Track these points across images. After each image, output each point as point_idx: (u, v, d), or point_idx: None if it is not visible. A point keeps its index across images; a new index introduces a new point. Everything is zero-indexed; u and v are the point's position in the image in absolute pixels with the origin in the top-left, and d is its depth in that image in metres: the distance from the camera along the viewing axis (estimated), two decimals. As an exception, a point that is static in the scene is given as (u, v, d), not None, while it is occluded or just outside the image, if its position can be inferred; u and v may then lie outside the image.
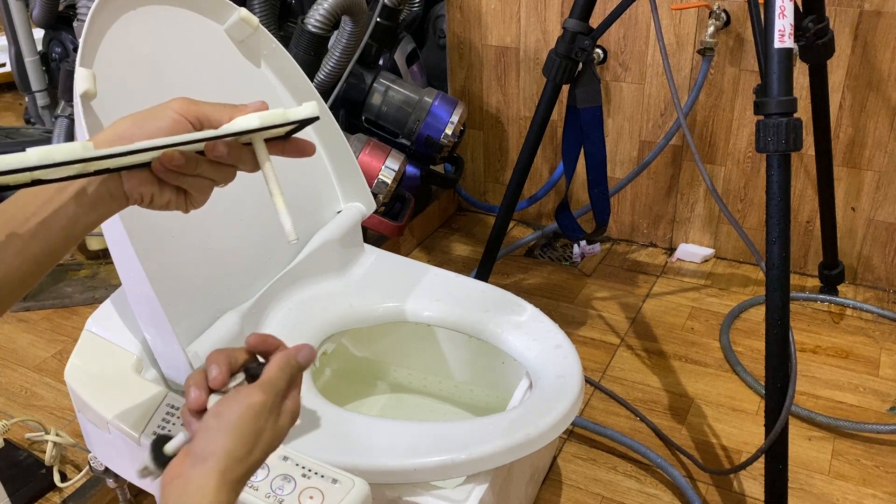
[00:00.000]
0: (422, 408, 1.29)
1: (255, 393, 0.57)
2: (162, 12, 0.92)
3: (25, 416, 1.37)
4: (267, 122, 0.57)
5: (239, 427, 0.56)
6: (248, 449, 0.56)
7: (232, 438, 0.55)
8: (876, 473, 1.26)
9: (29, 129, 2.34)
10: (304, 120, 0.58)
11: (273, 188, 0.59)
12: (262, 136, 0.59)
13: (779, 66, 1.03)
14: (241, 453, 0.55)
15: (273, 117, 0.57)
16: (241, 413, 0.56)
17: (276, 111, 0.57)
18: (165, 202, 0.59)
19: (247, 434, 0.56)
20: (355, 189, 1.19)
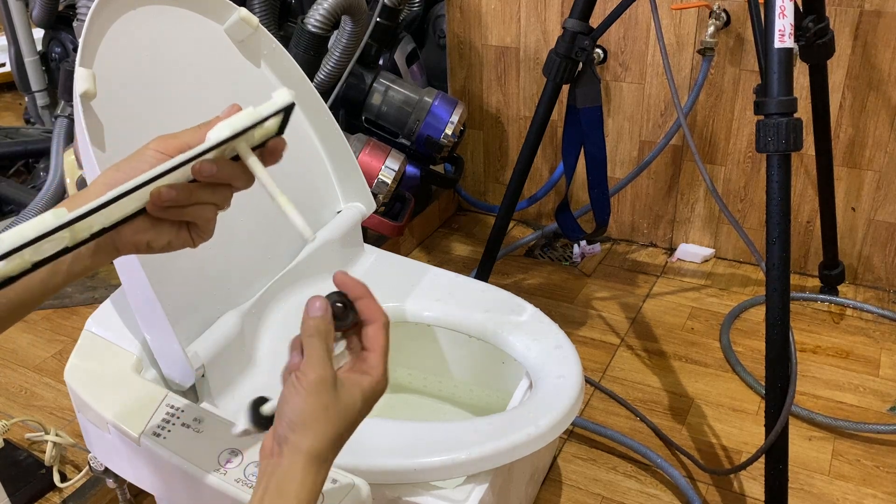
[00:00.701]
0: (422, 408, 1.29)
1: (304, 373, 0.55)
2: (162, 12, 0.92)
3: (25, 416, 1.37)
4: (238, 127, 0.54)
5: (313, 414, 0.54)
6: (339, 430, 0.55)
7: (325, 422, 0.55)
8: (876, 473, 1.26)
9: (29, 128, 2.35)
10: (281, 111, 0.55)
11: (273, 192, 0.58)
12: (247, 144, 0.56)
13: (779, 66, 1.03)
14: (333, 435, 0.55)
15: (243, 119, 0.54)
16: (304, 397, 0.54)
17: (245, 112, 0.54)
18: (165, 244, 0.58)
19: (317, 418, 0.55)
20: (355, 189, 1.19)
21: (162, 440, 0.83)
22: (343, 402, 0.56)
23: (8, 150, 2.14)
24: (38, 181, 2.05)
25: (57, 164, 1.86)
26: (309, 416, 0.54)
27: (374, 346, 0.59)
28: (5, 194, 1.98)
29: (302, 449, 0.54)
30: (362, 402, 0.57)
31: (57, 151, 1.88)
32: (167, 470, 0.84)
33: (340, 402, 0.55)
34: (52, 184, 1.81)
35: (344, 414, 0.56)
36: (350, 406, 0.56)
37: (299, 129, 1.12)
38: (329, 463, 0.56)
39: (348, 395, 0.56)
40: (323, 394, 0.55)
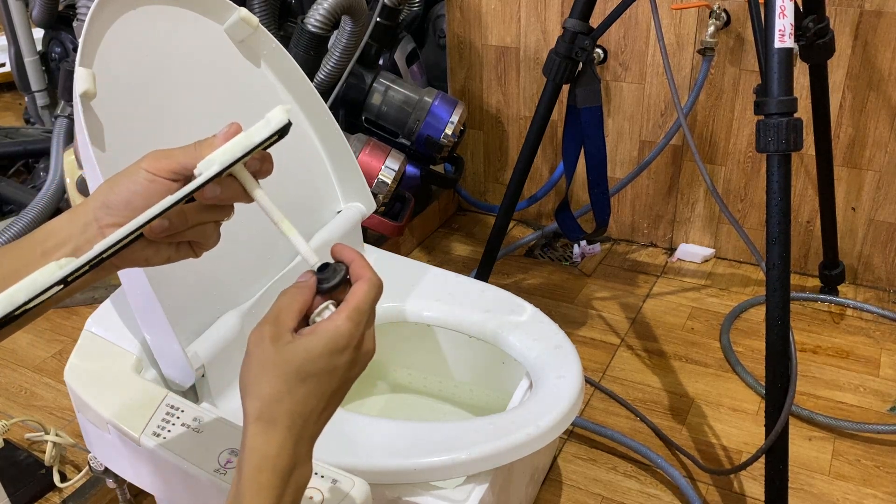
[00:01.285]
0: (422, 408, 1.29)
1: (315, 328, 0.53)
2: (162, 12, 0.92)
3: (25, 416, 1.37)
4: (229, 160, 0.52)
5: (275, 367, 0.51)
6: (279, 386, 0.51)
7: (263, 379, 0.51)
8: (876, 474, 1.26)
9: (29, 128, 2.35)
10: (279, 131, 0.53)
11: (274, 215, 0.56)
12: (242, 166, 0.55)
13: (779, 65, 1.03)
14: (272, 391, 0.51)
15: (235, 149, 0.52)
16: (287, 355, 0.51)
17: (238, 139, 0.52)
18: (164, 259, 0.57)
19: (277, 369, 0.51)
20: (355, 189, 1.19)
21: (162, 440, 0.83)
22: (284, 355, 0.51)
23: (8, 150, 2.14)
24: (38, 181, 2.05)
25: (57, 164, 1.86)
26: (247, 376, 0.52)
27: (347, 299, 0.54)
28: (5, 194, 1.98)
29: (247, 412, 0.52)
30: (312, 352, 0.51)
31: (57, 151, 1.88)
32: (167, 470, 0.84)
33: (280, 355, 0.51)
34: (52, 184, 1.81)
35: (285, 367, 0.51)
36: (291, 359, 0.51)
37: (299, 129, 1.12)
38: (279, 424, 0.51)
39: (291, 348, 0.52)
40: (257, 350, 0.52)
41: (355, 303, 0.54)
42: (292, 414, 0.52)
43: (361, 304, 0.54)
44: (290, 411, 0.52)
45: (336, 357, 0.52)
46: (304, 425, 0.52)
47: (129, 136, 0.86)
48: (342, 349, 0.52)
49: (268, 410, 0.51)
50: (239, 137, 0.53)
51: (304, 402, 0.52)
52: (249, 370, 0.52)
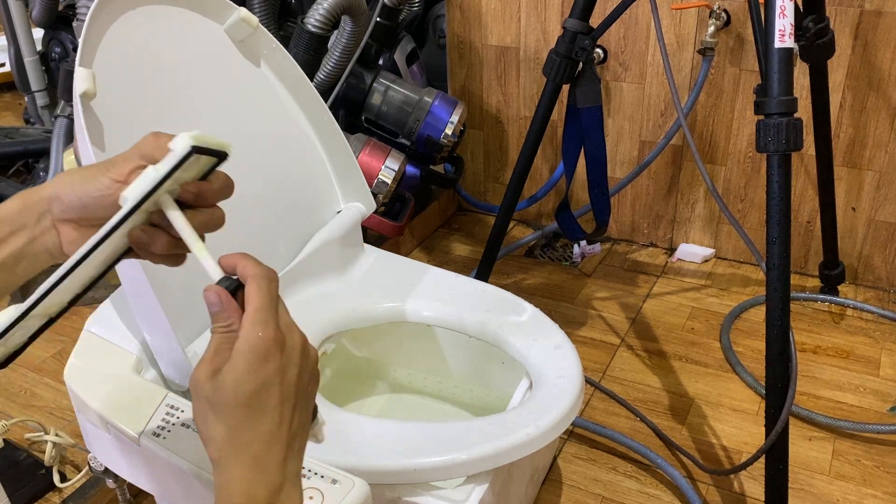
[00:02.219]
0: (422, 408, 1.29)
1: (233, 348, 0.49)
2: (162, 12, 0.92)
3: (25, 416, 1.37)
4: (140, 194, 0.50)
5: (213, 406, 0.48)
6: (224, 419, 0.48)
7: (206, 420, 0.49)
8: (876, 474, 1.26)
9: (28, 128, 2.35)
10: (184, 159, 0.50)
11: (185, 235, 0.54)
12: (170, 195, 0.53)
13: (779, 65, 1.03)
14: (221, 430, 0.48)
15: (145, 184, 0.50)
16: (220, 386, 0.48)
17: (145, 174, 0.51)
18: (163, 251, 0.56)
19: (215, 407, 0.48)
20: (355, 189, 1.19)
21: (162, 440, 0.83)
22: (217, 391, 0.48)
23: (8, 150, 2.14)
24: (37, 181, 2.05)
25: (57, 164, 1.85)
26: (199, 424, 0.50)
27: (245, 307, 0.50)
28: (5, 194, 1.98)
29: (210, 457, 0.49)
30: (238, 373, 0.48)
31: (57, 151, 1.88)
32: (167, 470, 0.84)
33: (217, 391, 0.48)
34: (52, 184, 1.81)
35: (222, 402, 0.48)
36: (224, 391, 0.48)
37: (299, 129, 1.12)
38: (240, 460, 0.48)
39: (220, 380, 0.48)
40: (200, 392, 0.49)
41: (253, 305, 0.50)
42: (250, 445, 0.48)
43: (259, 302, 0.50)
44: (248, 443, 0.48)
45: (263, 367, 0.48)
46: (267, 450, 0.49)
47: (129, 136, 0.86)
48: (265, 356, 0.48)
49: (225, 451, 0.48)
50: (148, 171, 0.51)
51: (257, 428, 0.49)
52: (198, 415, 0.50)
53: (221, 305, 0.50)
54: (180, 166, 0.51)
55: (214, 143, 0.53)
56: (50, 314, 0.56)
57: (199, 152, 0.51)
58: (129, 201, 0.51)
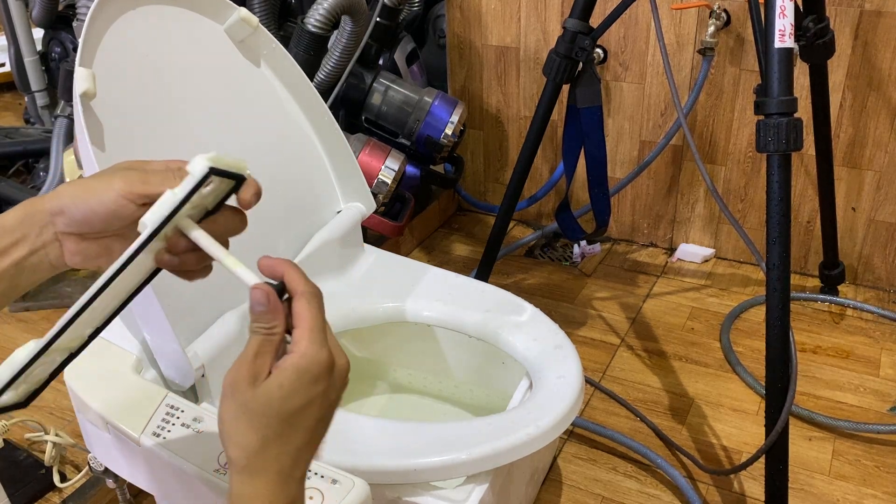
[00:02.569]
0: (422, 408, 1.29)
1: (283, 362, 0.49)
2: (162, 12, 0.92)
3: (25, 416, 1.37)
4: (160, 218, 0.49)
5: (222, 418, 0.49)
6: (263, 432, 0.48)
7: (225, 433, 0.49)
8: (876, 474, 1.26)
9: (28, 128, 2.35)
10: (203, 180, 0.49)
11: (216, 253, 0.53)
12: (191, 218, 0.53)
13: (779, 65, 1.03)
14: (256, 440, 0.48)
15: (165, 207, 0.49)
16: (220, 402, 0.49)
17: (166, 196, 0.50)
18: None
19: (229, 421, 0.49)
20: (355, 189, 1.19)
21: (162, 440, 0.83)
22: (261, 399, 0.48)
23: (8, 150, 2.14)
24: (38, 181, 2.05)
25: (57, 164, 1.86)
26: (228, 425, 0.49)
27: (297, 322, 0.50)
28: (5, 194, 1.98)
29: (231, 460, 0.49)
30: (287, 388, 0.48)
31: (57, 151, 1.88)
32: (167, 470, 0.84)
33: (257, 399, 0.48)
34: (52, 184, 1.81)
35: (265, 412, 0.48)
36: (269, 402, 0.48)
37: (299, 128, 1.12)
38: (268, 472, 0.49)
39: (265, 389, 0.48)
40: (237, 394, 0.48)
41: (308, 323, 0.49)
42: (279, 458, 0.49)
43: (314, 322, 0.50)
44: (277, 456, 0.49)
45: (313, 387, 0.49)
46: (293, 465, 0.50)
47: (129, 136, 0.86)
48: (316, 377, 0.49)
49: (254, 460, 0.48)
50: (166, 195, 0.50)
51: (290, 443, 0.49)
52: (229, 416, 0.49)
53: (268, 306, 0.50)
54: (198, 189, 0.50)
55: (232, 165, 0.52)
56: (71, 349, 0.55)
57: (217, 174, 0.50)
58: (148, 227, 0.50)
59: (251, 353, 0.49)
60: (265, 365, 0.49)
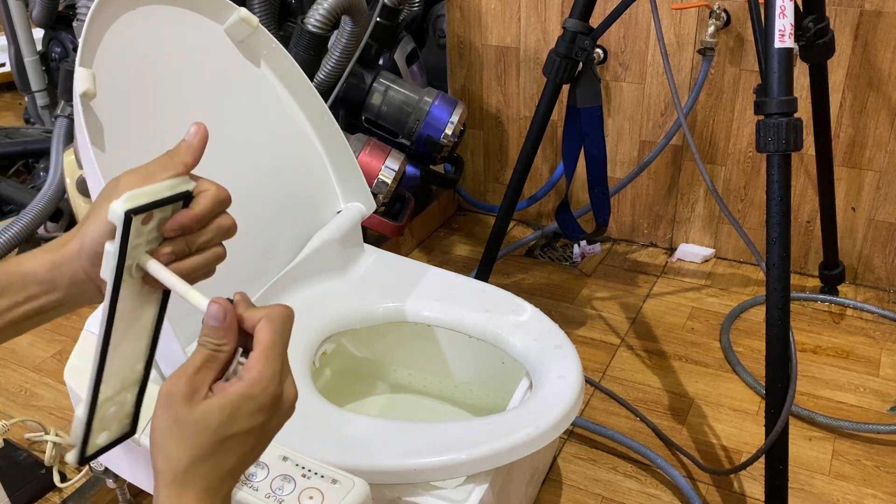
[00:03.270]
0: (422, 408, 1.29)
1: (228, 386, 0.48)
2: (162, 12, 0.92)
3: (25, 416, 1.37)
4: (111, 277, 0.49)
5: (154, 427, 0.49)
6: (195, 449, 0.48)
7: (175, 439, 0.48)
8: (876, 474, 1.26)
9: (28, 128, 2.35)
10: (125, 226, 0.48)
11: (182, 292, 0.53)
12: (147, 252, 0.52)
13: (779, 65, 1.03)
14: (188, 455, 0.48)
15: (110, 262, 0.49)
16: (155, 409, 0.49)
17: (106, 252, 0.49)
18: None
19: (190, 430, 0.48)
20: (355, 189, 1.19)
21: (162, 440, 0.83)
22: (198, 417, 0.47)
23: (8, 150, 2.14)
24: (38, 181, 2.05)
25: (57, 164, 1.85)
26: (158, 435, 0.48)
27: (255, 345, 0.49)
28: (5, 194, 1.98)
29: (158, 471, 0.48)
30: (228, 414, 0.47)
31: (57, 151, 1.88)
32: (167, 470, 0.84)
33: (193, 416, 0.47)
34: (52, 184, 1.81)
35: (200, 431, 0.47)
36: (204, 419, 0.47)
37: (299, 129, 1.12)
38: (195, 488, 0.47)
39: (204, 408, 0.47)
40: (172, 407, 0.48)
41: (264, 349, 0.48)
42: (208, 476, 0.48)
43: (271, 349, 0.48)
44: (206, 474, 0.48)
45: (255, 416, 0.48)
46: (220, 485, 0.49)
47: (129, 136, 0.86)
48: (261, 407, 0.48)
49: (182, 475, 0.47)
50: (106, 247, 0.49)
51: (221, 464, 0.48)
52: (161, 427, 0.48)
53: (223, 323, 0.49)
54: (127, 233, 0.48)
55: (154, 193, 0.49)
56: (131, 383, 0.56)
57: (142, 211, 0.48)
58: (108, 282, 0.49)
59: (192, 367, 0.48)
60: (205, 381, 0.48)
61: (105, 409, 0.53)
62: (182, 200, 0.52)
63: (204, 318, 0.49)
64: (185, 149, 0.53)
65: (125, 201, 0.47)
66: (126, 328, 0.52)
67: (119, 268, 0.49)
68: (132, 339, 0.54)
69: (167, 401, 0.48)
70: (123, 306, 0.51)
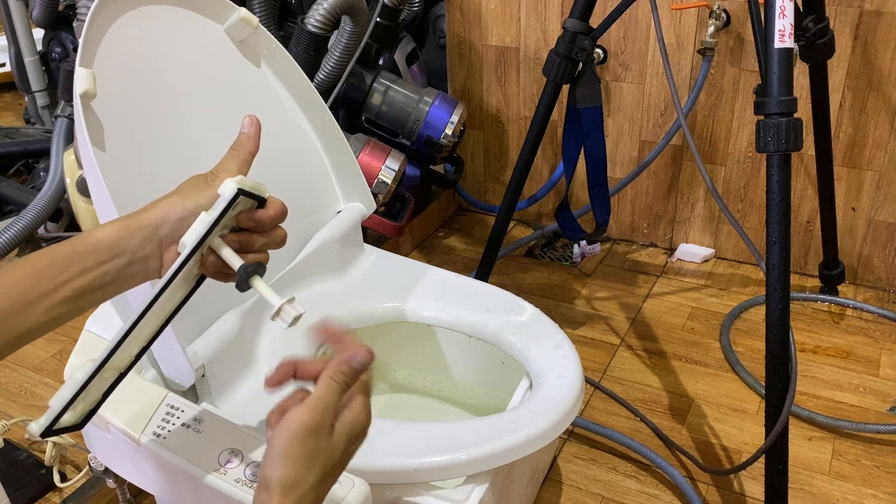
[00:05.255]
0: (422, 408, 1.29)
1: (302, 414, 0.55)
2: (162, 12, 0.92)
3: (25, 416, 1.37)
4: (194, 239, 0.57)
5: (288, 453, 0.54)
6: (303, 474, 0.54)
7: (283, 465, 0.53)
8: (876, 473, 1.26)
9: (29, 128, 2.35)
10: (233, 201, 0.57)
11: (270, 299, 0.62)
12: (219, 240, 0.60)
13: (779, 66, 1.03)
14: (296, 479, 0.53)
15: (199, 226, 0.57)
16: (288, 438, 0.54)
17: (201, 217, 0.58)
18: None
19: (298, 459, 0.54)
20: (355, 189, 1.19)
21: (162, 440, 0.83)
22: (330, 447, 0.56)
23: (8, 150, 2.14)
24: (38, 181, 2.05)
25: (57, 164, 1.85)
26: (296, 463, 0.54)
27: (362, 389, 0.59)
28: (5, 194, 1.98)
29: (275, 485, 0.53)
30: (347, 444, 0.57)
31: (57, 151, 1.88)
32: (167, 470, 0.84)
33: (273, 444, 0.55)
34: (52, 184, 1.81)
35: (328, 456, 0.55)
36: (334, 449, 0.56)
37: (299, 129, 1.12)
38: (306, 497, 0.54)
39: (336, 438, 0.56)
40: (312, 439, 0.55)
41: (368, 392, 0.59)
42: (318, 496, 0.56)
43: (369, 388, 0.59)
44: (317, 495, 0.56)
45: (358, 444, 0.58)
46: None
47: (129, 136, 0.86)
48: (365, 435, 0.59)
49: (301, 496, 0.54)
50: (201, 217, 0.58)
51: (325, 486, 0.56)
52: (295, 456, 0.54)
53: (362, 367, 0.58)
54: (228, 209, 0.57)
55: (254, 187, 0.59)
56: (121, 368, 0.60)
57: (244, 195, 0.58)
58: (188, 246, 0.56)
59: (321, 407, 0.56)
60: (332, 415, 0.56)
61: (93, 383, 0.57)
62: (259, 202, 0.61)
63: (355, 360, 0.58)
64: (246, 139, 0.63)
65: (238, 182, 0.57)
66: (159, 306, 0.57)
67: (206, 235, 0.56)
68: (153, 318, 0.59)
69: (309, 433, 0.54)
70: (176, 281, 0.57)
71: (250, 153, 0.63)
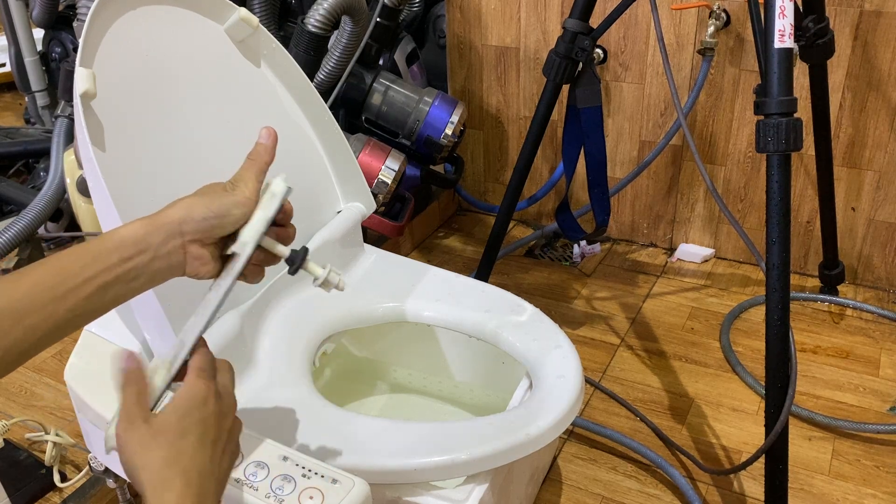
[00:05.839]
0: (422, 408, 1.29)
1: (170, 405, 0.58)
2: (162, 12, 0.92)
3: (25, 416, 1.37)
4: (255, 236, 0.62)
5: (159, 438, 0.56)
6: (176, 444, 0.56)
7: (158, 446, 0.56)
8: (876, 473, 1.26)
9: (29, 129, 2.35)
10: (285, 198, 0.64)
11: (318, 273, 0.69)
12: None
13: (779, 66, 1.03)
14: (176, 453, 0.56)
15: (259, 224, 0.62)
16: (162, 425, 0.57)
17: (258, 215, 0.63)
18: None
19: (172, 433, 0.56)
20: (355, 189, 1.19)
21: (162, 440, 0.83)
22: (159, 426, 0.57)
23: (8, 150, 2.14)
24: (38, 181, 2.05)
25: (57, 164, 1.85)
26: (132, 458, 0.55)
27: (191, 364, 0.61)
28: (5, 194, 1.98)
29: (142, 485, 0.54)
30: (182, 411, 0.57)
31: (57, 151, 1.88)
32: (167, 470, 0.84)
33: (154, 427, 0.56)
34: (52, 184, 1.81)
35: (164, 434, 0.56)
36: (166, 426, 0.57)
37: (299, 129, 1.12)
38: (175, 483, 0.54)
39: (162, 418, 0.57)
40: (133, 434, 0.56)
41: (193, 369, 0.61)
42: (186, 472, 0.55)
43: (203, 363, 0.62)
44: (184, 470, 0.55)
45: (203, 408, 0.58)
46: (200, 481, 0.55)
47: (129, 136, 0.86)
48: (203, 401, 0.59)
49: (159, 476, 0.54)
50: (258, 214, 0.62)
51: (193, 456, 0.56)
52: (132, 453, 0.55)
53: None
54: (282, 205, 0.63)
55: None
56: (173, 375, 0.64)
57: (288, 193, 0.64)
58: (250, 244, 0.61)
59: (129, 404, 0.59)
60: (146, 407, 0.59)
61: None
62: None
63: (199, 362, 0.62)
64: (263, 150, 0.66)
65: (284, 181, 0.64)
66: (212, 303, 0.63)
67: (264, 233, 0.62)
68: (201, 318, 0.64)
69: (129, 430, 0.56)
70: (230, 278, 0.62)
71: (266, 163, 0.66)
